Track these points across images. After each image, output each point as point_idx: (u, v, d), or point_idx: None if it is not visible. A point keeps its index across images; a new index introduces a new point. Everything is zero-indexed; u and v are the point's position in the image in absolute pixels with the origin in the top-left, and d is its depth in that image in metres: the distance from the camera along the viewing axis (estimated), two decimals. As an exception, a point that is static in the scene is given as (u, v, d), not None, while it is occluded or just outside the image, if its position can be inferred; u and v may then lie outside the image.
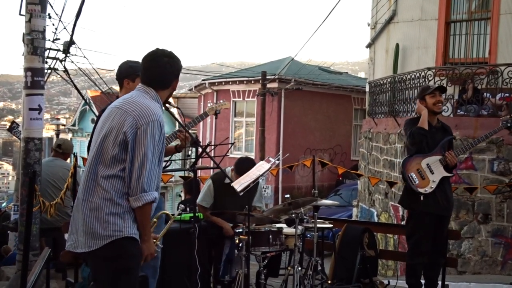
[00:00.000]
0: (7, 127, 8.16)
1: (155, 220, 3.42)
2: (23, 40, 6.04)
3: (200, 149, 4.25)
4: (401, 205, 5.58)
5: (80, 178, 5.78)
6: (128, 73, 4.37)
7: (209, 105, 5.23)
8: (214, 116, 5.26)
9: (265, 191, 20.51)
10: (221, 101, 5.21)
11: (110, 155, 3.04)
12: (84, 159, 6.52)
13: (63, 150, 6.88)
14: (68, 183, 5.85)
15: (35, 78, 5.92)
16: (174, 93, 3.48)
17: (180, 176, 7.20)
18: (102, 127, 3.20)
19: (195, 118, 4.96)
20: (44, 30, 6.05)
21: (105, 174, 3.03)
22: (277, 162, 4.33)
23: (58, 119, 25.16)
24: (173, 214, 3.82)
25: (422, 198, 5.16)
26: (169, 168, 4.87)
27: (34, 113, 5.90)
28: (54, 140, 7.52)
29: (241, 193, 4.03)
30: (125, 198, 3.02)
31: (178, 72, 3.35)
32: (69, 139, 41.03)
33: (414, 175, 5.18)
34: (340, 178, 22.15)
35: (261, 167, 4.27)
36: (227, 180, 5.62)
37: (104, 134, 3.11)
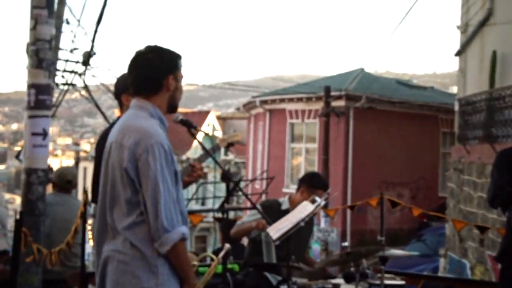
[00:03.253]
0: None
1: (195, 263, 3.48)
2: (27, 51, 6.21)
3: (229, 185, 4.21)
4: (495, 259, 5.41)
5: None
6: (125, 87, 4.13)
7: (220, 136, 5.27)
8: (267, 143, 5.26)
9: (329, 235, 20.30)
10: (232, 131, 5.24)
11: (124, 200, 3.11)
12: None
13: (73, 185, 6.98)
14: (77, 224, 5.90)
15: (39, 97, 6.07)
16: (218, 113, 3.50)
17: (215, 218, 7.20)
18: (105, 166, 3.26)
19: (203, 154, 4.89)
20: (52, 39, 6.22)
21: (125, 224, 3.11)
22: (323, 202, 4.25)
23: (78, 144, 25.73)
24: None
25: None
26: (197, 208, 4.86)
27: (37, 138, 6.03)
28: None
29: (277, 242, 3.98)
30: (153, 246, 3.08)
31: (170, 67, 3.32)
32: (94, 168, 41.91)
33: None
34: (425, 220, 21.71)
35: (304, 208, 4.21)
36: (283, 206, 5.69)
37: (111, 179, 3.17)
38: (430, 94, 27.28)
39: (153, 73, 3.28)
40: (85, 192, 5.86)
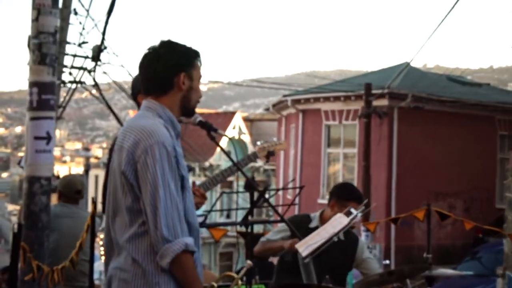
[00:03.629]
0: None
1: (214, 284, 3.44)
2: (28, 45, 6.26)
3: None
4: None
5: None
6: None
7: (258, 143, 5.19)
8: (300, 148, 5.23)
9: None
10: (275, 139, 5.18)
11: (125, 208, 3.12)
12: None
13: (82, 195, 7.02)
14: (83, 240, 5.93)
15: (42, 96, 6.10)
16: (245, 114, 3.49)
17: (238, 232, 7.19)
18: (109, 172, 3.33)
19: (243, 159, 4.91)
20: (56, 31, 6.27)
21: (127, 236, 3.12)
22: (359, 215, 4.22)
23: (88, 149, 25.93)
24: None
25: None
26: (220, 220, 4.88)
27: (40, 143, 6.07)
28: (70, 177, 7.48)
29: (306, 260, 3.96)
30: (156, 261, 3.07)
31: (183, 64, 3.32)
32: (104, 176, 42.32)
33: None
34: (480, 235, 21.49)
35: (337, 222, 4.18)
36: (312, 224, 5.62)
37: (113, 186, 3.20)
38: (486, 91, 27.05)
39: (163, 70, 3.29)
40: (93, 202, 5.89)
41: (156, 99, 3.31)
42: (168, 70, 3.29)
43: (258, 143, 5.21)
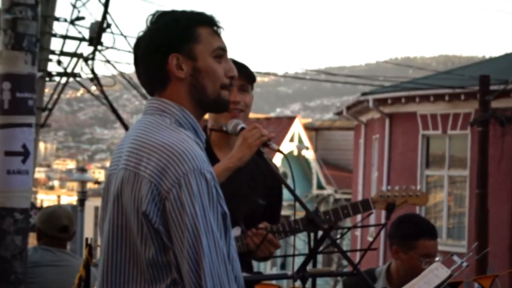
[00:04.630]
0: None
1: None
2: (-2, 22, 6.30)
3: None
4: None
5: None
6: None
7: (384, 188, 5.06)
8: (387, 168, 5.16)
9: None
10: (413, 188, 5.01)
11: (145, 262, 3.03)
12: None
13: (70, 234, 7.06)
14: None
15: (18, 94, 6.13)
16: (308, 120, 3.40)
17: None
18: (111, 208, 3.16)
19: (339, 207, 4.86)
20: (37, 3, 6.29)
21: None
22: (464, 265, 4.16)
23: (85, 170, 26.08)
24: None
25: None
26: (272, 271, 4.87)
27: (14, 160, 6.10)
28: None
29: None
30: None
31: (172, 41, 3.15)
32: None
33: None
34: None
35: (433, 275, 4.13)
36: (377, 286, 5.53)
37: (122, 228, 3.10)
38: None
39: (146, 57, 3.20)
40: (88, 245, 5.92)
41: (162, 94, 3.20)
42: (152, 56, 3.18)
43: (384, 188, 5.08)
